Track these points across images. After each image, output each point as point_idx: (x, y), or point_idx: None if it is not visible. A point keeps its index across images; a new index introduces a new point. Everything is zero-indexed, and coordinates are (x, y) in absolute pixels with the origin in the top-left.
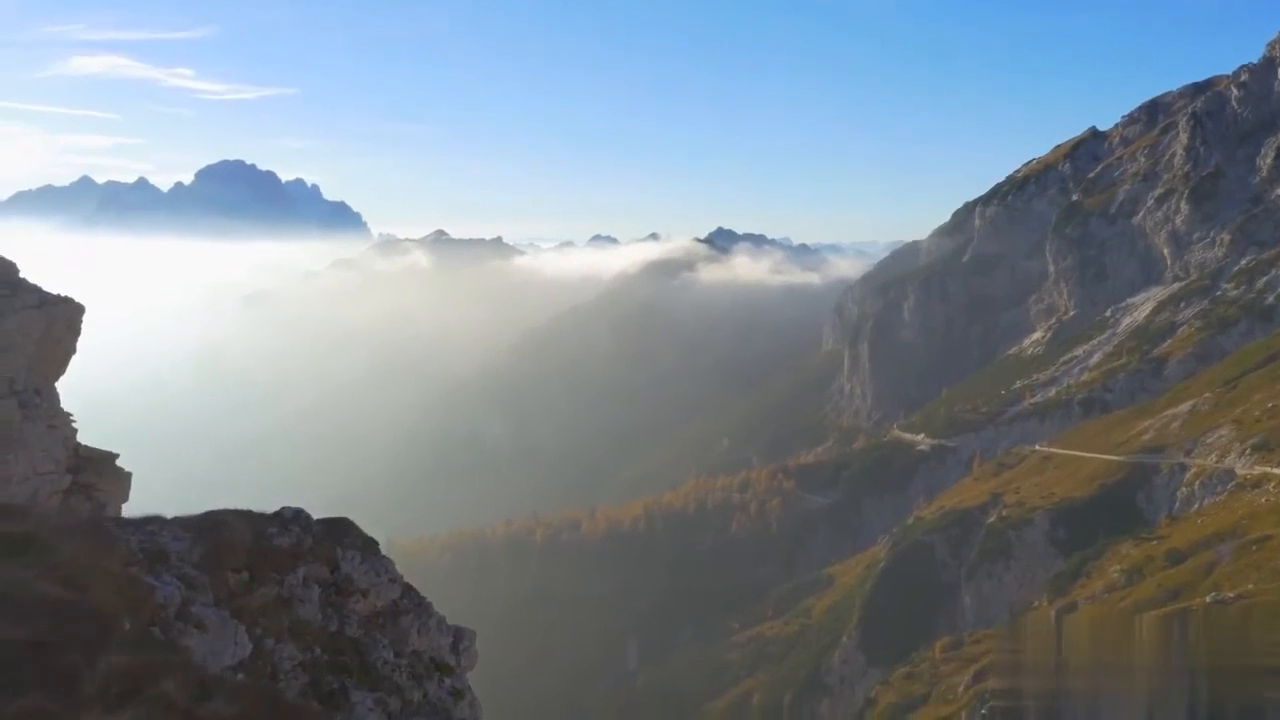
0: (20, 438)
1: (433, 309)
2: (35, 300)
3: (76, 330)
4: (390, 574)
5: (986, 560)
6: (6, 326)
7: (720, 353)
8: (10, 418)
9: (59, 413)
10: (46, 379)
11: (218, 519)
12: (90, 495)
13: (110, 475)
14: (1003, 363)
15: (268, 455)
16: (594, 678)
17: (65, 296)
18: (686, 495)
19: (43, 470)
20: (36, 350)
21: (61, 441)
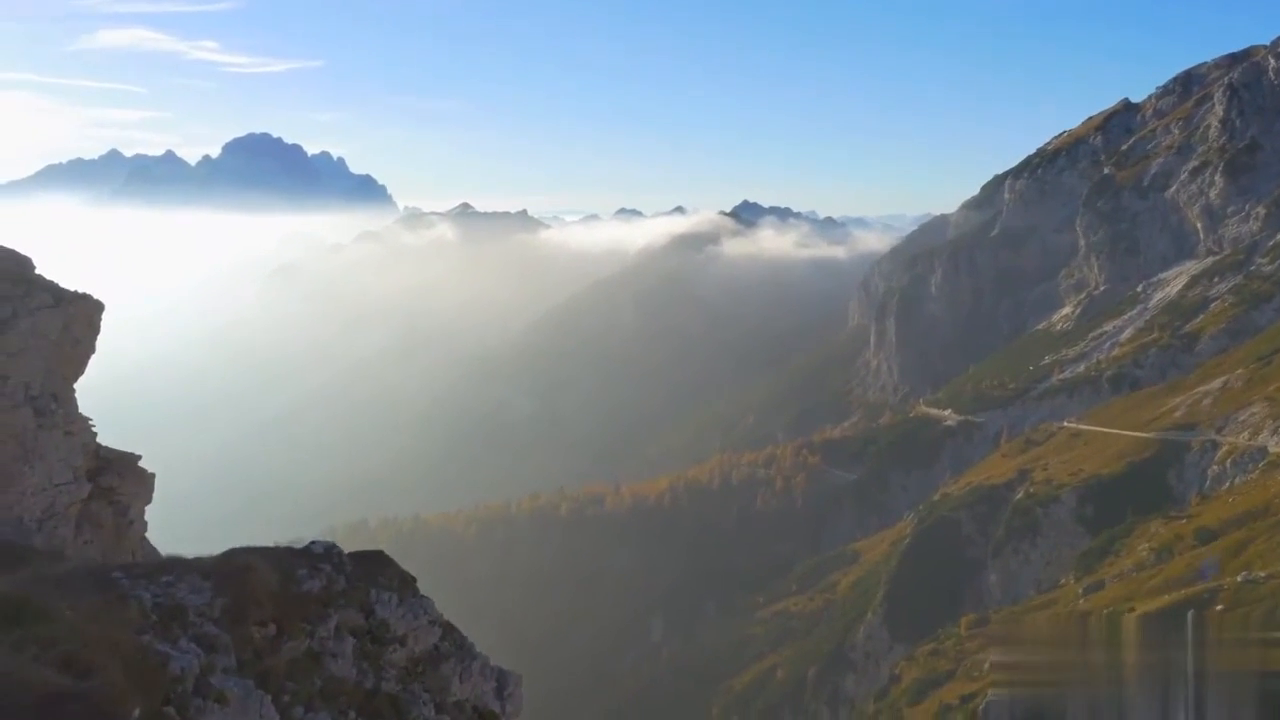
0: (36, 448)
1: (458, 282)
2: (51, 299)
3: (96, 328)
4: (429, 614)
5: (1013, 537)
6: (20, 329)
7: (745, 327)
8: (25, 428)
9: (77, 417)
10: (65, 381)
11: (241, 564)
12: (112, 499)
13: (132, 477)
14: (1031, 338)
15: (293, 428)
16: (619, 650)
17: (83, 293)
18: (711, 470)
19: (60, 480)
20: (53, 352)
21: (80, 448)
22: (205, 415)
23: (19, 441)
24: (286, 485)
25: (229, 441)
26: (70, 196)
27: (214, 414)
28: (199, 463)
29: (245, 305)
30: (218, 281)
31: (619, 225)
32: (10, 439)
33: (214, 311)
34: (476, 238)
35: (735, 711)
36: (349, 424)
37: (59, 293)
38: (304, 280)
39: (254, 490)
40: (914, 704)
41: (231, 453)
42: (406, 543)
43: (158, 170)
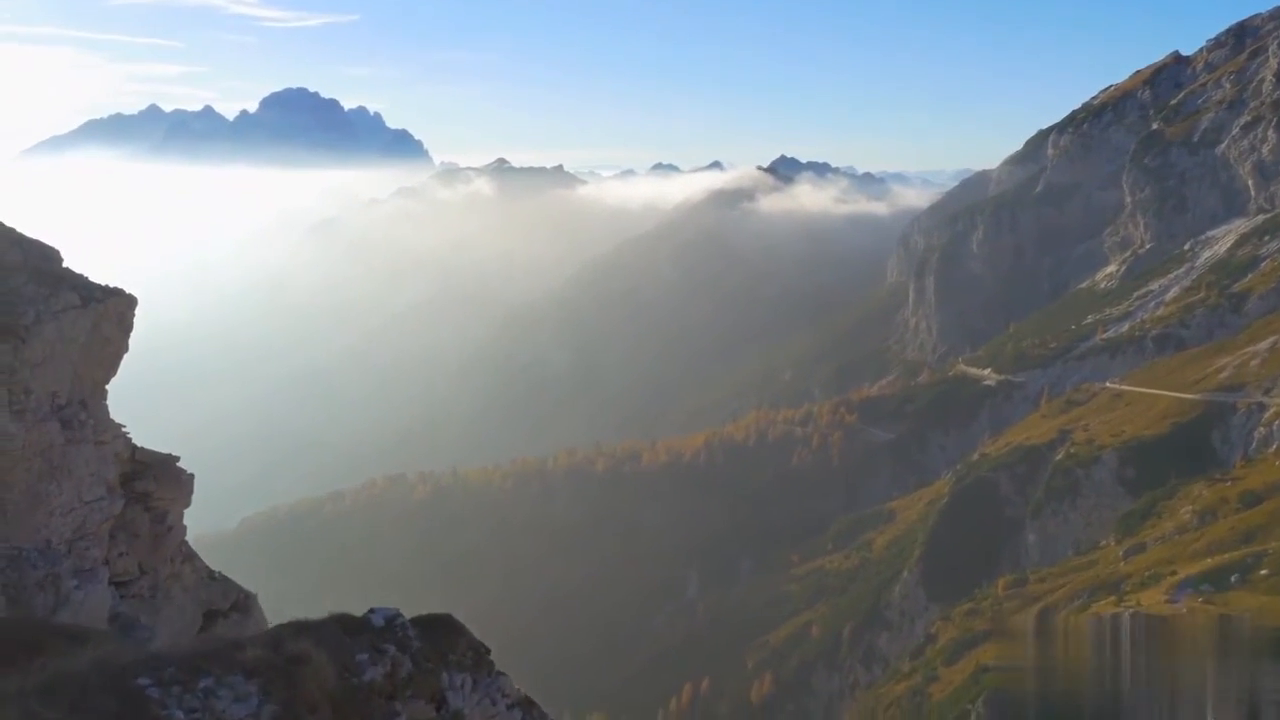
0: (64, 464)
1: (494, 238)
2: (78, 299)
3: (128, 326)
4: (508, 693)
5: (1053, 498)
6: (44, 335)
7: (783, 283)
8: (52, 443)
9: (109, 424)
10: (95, 385)
11: (292, 655)
12: (149, 505)
13: (170, 481)
14: (1074, 297)
15: (331, 382)
16: (654, 605)
17: (114, 289)
18: (747, 428)
19: (90, 498)
20: (82, 355)
21: (112, 458)
22: (244, 369)
23: (45, 458)
24: (324, 439)
25: (267, 395)
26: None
27: (252, 368)
28: (238, 416)
29: (283, 260)
30: (256, 237)
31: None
32: (36, 456)
33: (252, 267)
34: (513, 193)
35: (770, 667)
36: (386, 378)
37: (87, 290)
38: (341, 236)
39: (292, 444)
40: (949, 664)
41: (270, 406)
42: (444, 496)
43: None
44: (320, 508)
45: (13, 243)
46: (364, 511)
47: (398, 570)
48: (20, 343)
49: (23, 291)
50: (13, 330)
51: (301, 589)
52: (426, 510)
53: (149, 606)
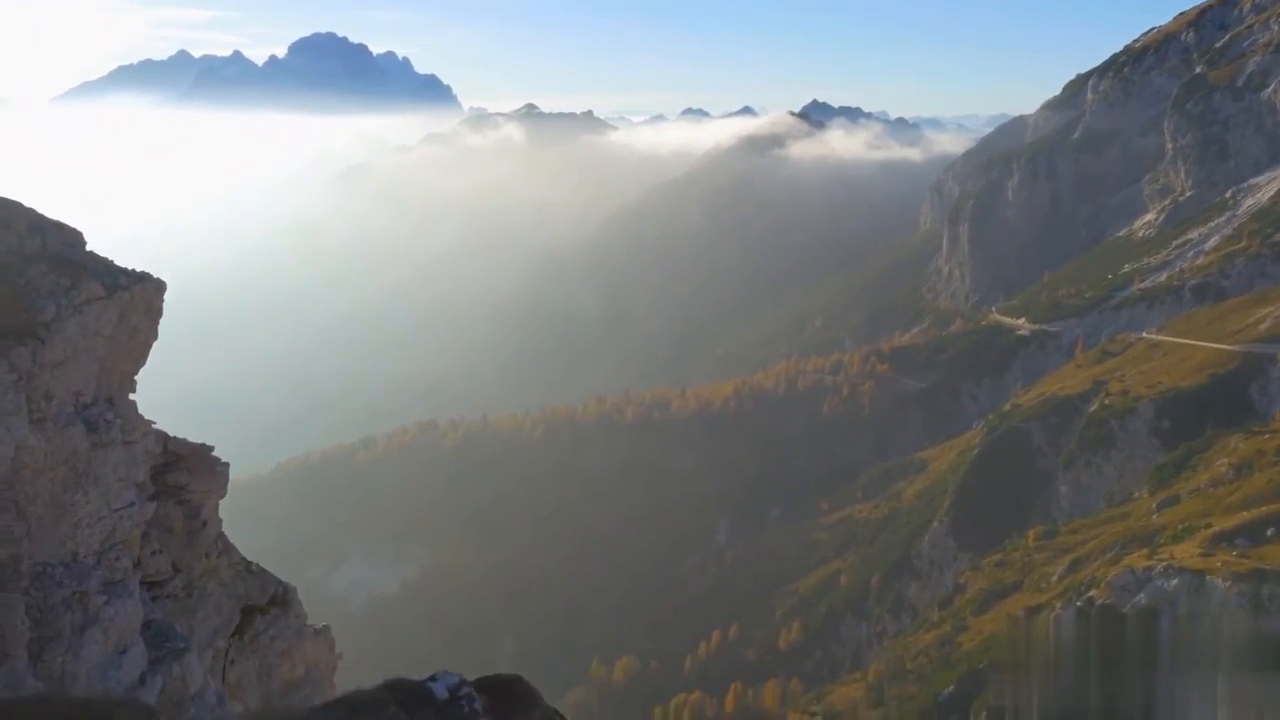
0: (90, 471)
1: (525, 184)
2: (102, 289)
3: (156, 313)
4: None
5: (1086, 449)
6: (66, 333)
7: (814, 230)
8: (76, 450)
9: (137, 421)
10: (122, 379)
11: None
12: (182, 499)
13: (203, 472)
14: (1111, 245)
15: (362, 329)
16: (684, 552)
17: (141, 274)
18: (777, 376)
19: (119, 504)
20: (107, 349)
21: (142, 457)
22: (274, 316)
23: (70, 466)
24: (355, 386)
25: (298, 342)
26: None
27: (283, 315)
28: (269, 363)
29: (313, 207)
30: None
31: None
32: (59, 465)
33: (282, 214)
34: (542, 139)
35: (798, 615)
36: (416, 325)
37: (112, 276)
38: (371, 182)
39: (323, 391)
40: (979, 614)
41: (301, 353)
42: (474, 444)
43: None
44: (352, 454)
45: (32, 227)
46: (395, 458)
47: (428, 516)
48: (39, 344)
49: (41, 284)
50: (31, 329)
51: (334, 534)
52: (457, 457)
53: (184, 607)
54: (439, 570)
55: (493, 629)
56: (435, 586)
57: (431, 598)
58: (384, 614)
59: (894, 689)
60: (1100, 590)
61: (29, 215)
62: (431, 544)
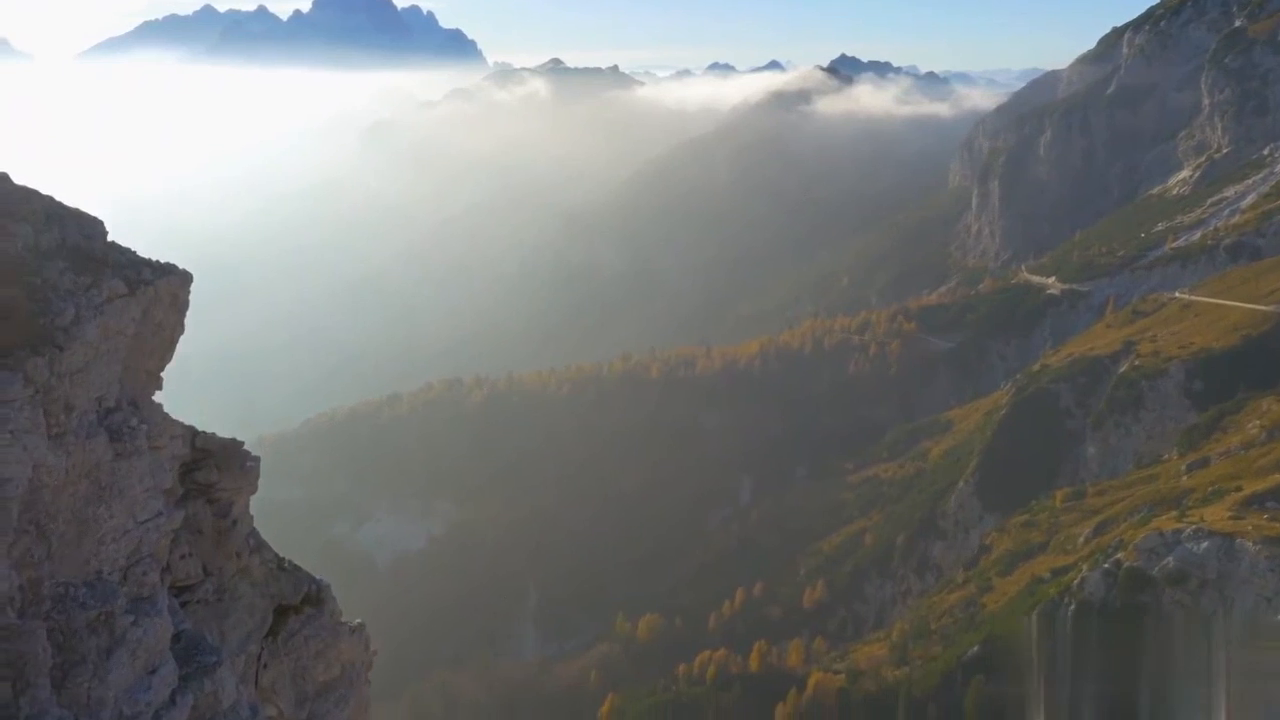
0: (114, 483)
1: (550, 140)
2: (124, 286)
3: (183, 306)
4: None
5: (1115, 410)
6: (86, 336)
7: (841, 187)
8: (99, 461)
9: (164, 424)
10: (147, 378)
11: None
12: (211, 498)
13: (233, 469)
14: (1144, 203)
15: (386, 285)
16: (708, 510)
17: (165, 265)
18: (803, 335)
19: (145, 516)
20: (132, 348)
21: (169, 461)
22: (299, 273)
23: (93, 479)
24: (380, 342)
25: (323, 299)
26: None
27: (308, 272)
28: (293, 319)
29: (338, 163)
30: (311, 139)
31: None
32: (81, 479)
33: (307, 170)
34: (568, 95)
35: (822, 573)
36: (440, 282)
37: (135, 270)
38: (396, 138)
39: (347, 347)
40: (1004, 575)
41: (325, 310)
42: (500, 401)
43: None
44: (378, 411)
45: (49, 218)
46: (421, 415)
47: (454, 473)
48: (57, 351)
49: (59, 284)
50: (48, 337)
51: (361, 490)
52: (482, 414)
53: (215, 612)
54: (465, 526)
55: (517, 585)
56: (461, 542)
57: (457, 553)
58: (410, 569)
59: (918, 649)
60: (1128, 553)
61: (46, 204)
62: (457, 500)
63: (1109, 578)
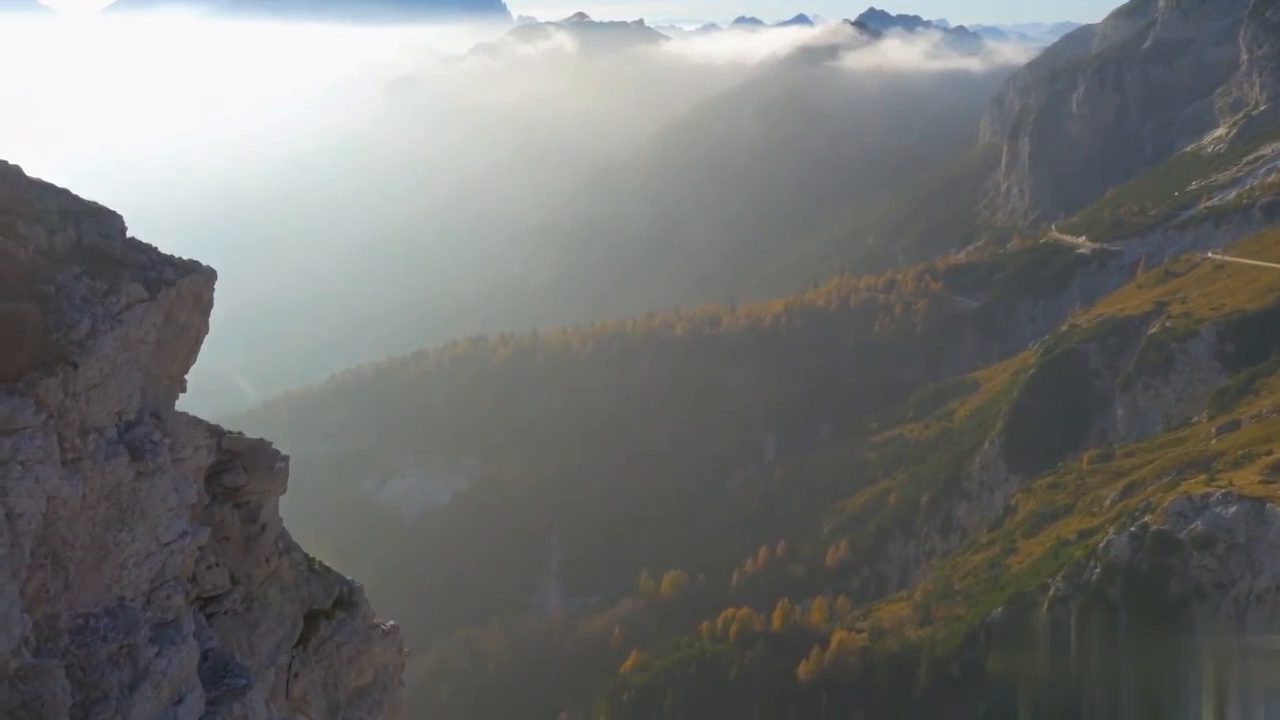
0: (135, 504)
1: (574, 95)
2: (144, 290)
3: (207, 305)
4: None
5: (1144, 372)
6: (104, 349)
7: (869, 143)
8: (120, 482)
9: (188, 433)
10: (170, 385)
11: None
12: (239, 501)
13: (261, 470)
14: (1178, 161)
15: (411, 242)
16: (732, 467)
17: (189, 263)
18: (829, 294)
19: (169, 537)
20: (153, 354)
21: (193, 474)
22: (323, 229)
23: (112, 502)
24: (405, 299)
25: (347, 255)
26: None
27: (332, 228)
28: (318, 277)
29: (362, 119)
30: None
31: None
32: (101, 502)
33: (331, 126)
34: (593, 49)
35: (846, 532)
36: (465, 239)
37: (156, 270)
38: (420, 93)
39: (373, 304)
40: (1029, 536)
41: (350, 266)
42: (524, 358)
43: None
44: (404, 367)
45: (64, 216)
46: (446, 371)
47: (479, 429)
48: (72, 370)
49: (74, 292)
50: (62, 354)
51: (387, 446)
52: (507, 371)
53: (244, 622)
54: (490, 482)
55: (542, 541)
56: (486, 498)
57: (482, 510)
58: (435, 525)
59: (941, 609)
60: (1155, 516)
61: (61, 201)
62: (482, 457)
63: (1135, 541)
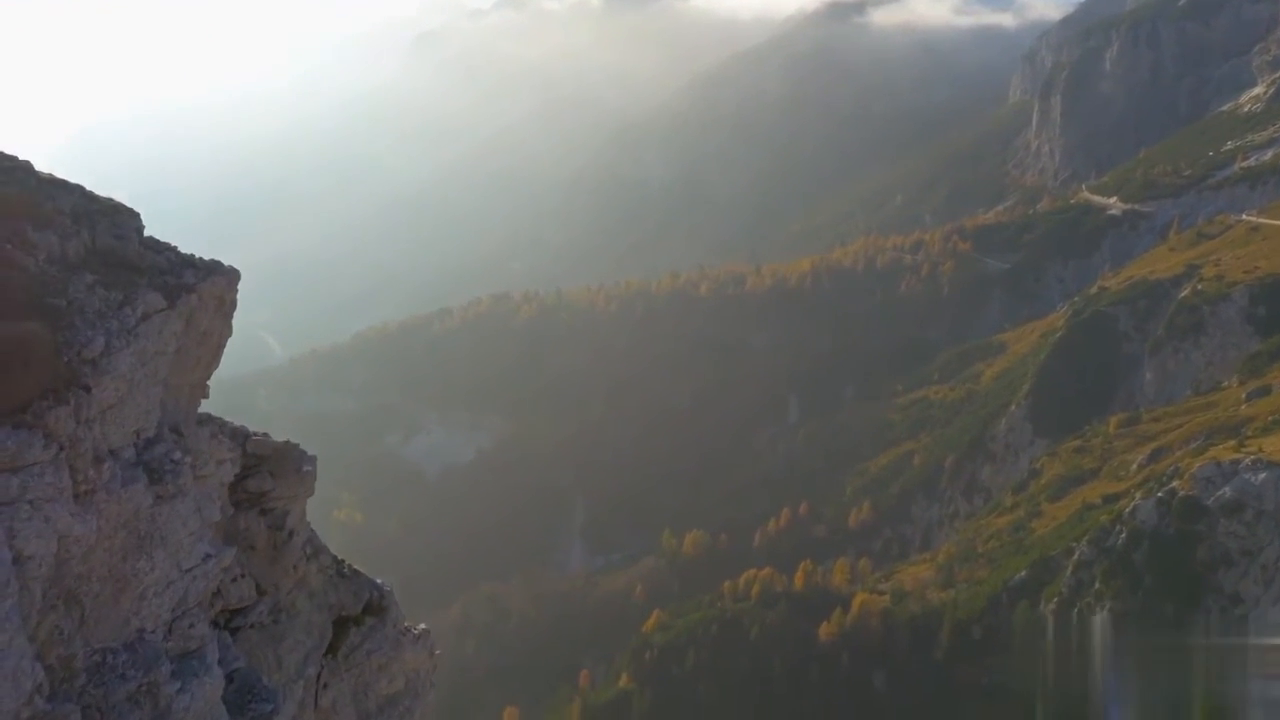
0: (154, 531)
1: (600, 50)
2: (162, 299)
3: (230, 309)
4: None
5: (1174, 335)
6: (120, 367)
7: (897, 101)
8: (138, 509)
9: (210, 448)
10: (190, 395)
11: None
12: (265, 508)
13: (288, 474)
14: (1213, 120)
15: (436, 197)
16: (755, 427)
17: (211, 263)
18: (855, 253)
19: (190, 564)
20: (174, 365)
21: (216, 490)
22: (347, 185)
23: (130, 530)
24: (428, 256)
25: (371, 211)
26: None
27: (355, 183)
28: (341, 232)
29: (386, 73)
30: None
31: None
32: (117, 531)
33: (354, 80)
34: (619, 3)
35: (868, 494)
36: (488, 195)
37: (175, 274)
38: (445, 48)
39: (396, 260)
40: (1054, 500)
41: (374, 223)
42: (548, 317)
43: None
44: (428, 324)
45: (77, 218)
46: (470, 329)
47: (503, 387)
48: (85, 394)
49: (87, 305)
50: (74, 376)
51: (412, 402)
52: (531, 329)
53: (270, 636)
54: (513, 440)
55: (564, 499)
56: (509, 456)
57: (505, 467)
58: (459, 481)
59: (964, 572)
60: (1183, 482)
61: (74, 200)
62: (506, 414)
63: (1162, 506)
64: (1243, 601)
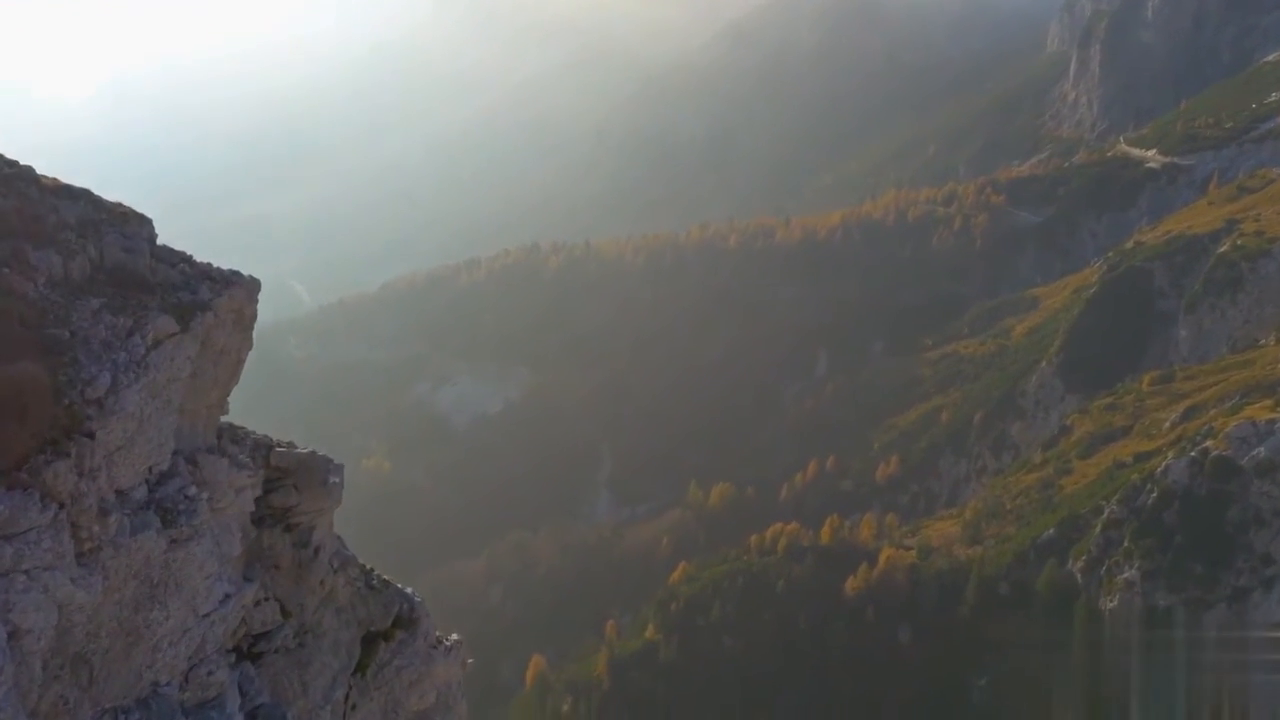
0: (169, 577)
1: None
2: (174, 323)
3: (249, 322)
4: None
5: (1211, 292)
6: (128, 405)
7: (930, 50)
8: (150, 555)
9: (229, 477)
10: (209, 412)
11: None
12: (290, 523)
13: (314, 487)
14: (1258, 71)
15: (461, 151)
16: (783, 381)
17: (229, 274)
18: (886, 206)
19: (208, 608)
20: (188, 389)
21: (235, 521)
22: (374, 135)
23: (143, 579)
24: (457, 207)
25: (398, 162)
26: None
27: (383, 134)
28: (369, 183)
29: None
30: None
31: None
32: (128, 582)
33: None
34: None
35: (896, 449)
36: (515, 146)
37: (190, 290)
38: None
39: (423, 211)
40: (1084, 458)
41: (401, 173)
42: (576, 268)
43: None
44: (456, 275)
45: (83, 230)
46: (498, 280)
47: (531, 339)
48: (88, 441)
49: (92, 336)
50: (76, 421)
51: (440, 353)
52: (559, 281)
53: (296, 660)
54: (541, 391)
55: (592, 450)
56: (537, 407)
57: (533, 418)
58: (487, 432)
59: (991, 528)
60: (1216, 441)
61: (80, 209)
62: (534, 366)
63: (1195, 466)
64: (1274, 562)
